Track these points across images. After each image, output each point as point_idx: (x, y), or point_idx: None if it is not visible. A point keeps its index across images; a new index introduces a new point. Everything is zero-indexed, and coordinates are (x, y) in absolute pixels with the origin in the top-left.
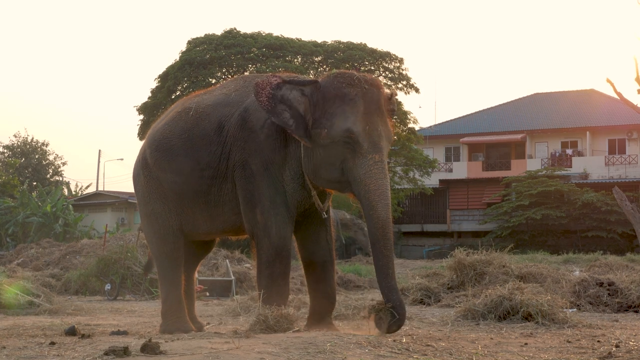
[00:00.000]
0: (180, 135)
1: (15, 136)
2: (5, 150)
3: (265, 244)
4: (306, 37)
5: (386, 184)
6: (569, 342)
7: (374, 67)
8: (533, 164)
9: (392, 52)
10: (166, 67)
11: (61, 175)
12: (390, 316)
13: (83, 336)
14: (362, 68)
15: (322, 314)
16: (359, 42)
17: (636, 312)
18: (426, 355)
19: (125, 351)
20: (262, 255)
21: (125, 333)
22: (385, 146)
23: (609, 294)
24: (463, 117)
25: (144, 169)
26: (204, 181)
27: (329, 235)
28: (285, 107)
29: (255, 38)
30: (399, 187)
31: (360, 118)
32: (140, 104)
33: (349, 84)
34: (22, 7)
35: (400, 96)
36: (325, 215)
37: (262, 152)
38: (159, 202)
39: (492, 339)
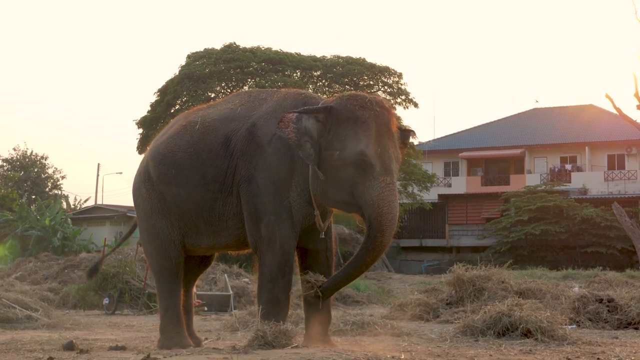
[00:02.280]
0: (186, 149)
1: (14, 149)
2: (5, 164)
3: (269, 259)
4: (305, 51)
5: (397, 207)
6: (569, 359)
7: (373, 81)
8: (532, 179)
9: (391, 66)
10: (165, 81)
11: (60, 188)
12: (314, 294)
13: (81, 351)
14: (360, 83)
15: (319, 329)
16: (358, 57)
17: (636, 329)
18: None
19: None
20: (264, 270)
21: (123, 348)
22: (395, 168)
23: (608, 310)
24: (462, 132)
25: (146, 182)
26: (209, 195)
27: (329, 251)
28: (308, 137)
29: (255, 52)
30: (398, 201)
31: (373, 141)
32: (139, 118)
33: (361, 106)
34: (22, 20)
35: (399, 111)
36: (323, 236)
37: (269, 167)
38: (160, 216)
39: (491, 355)
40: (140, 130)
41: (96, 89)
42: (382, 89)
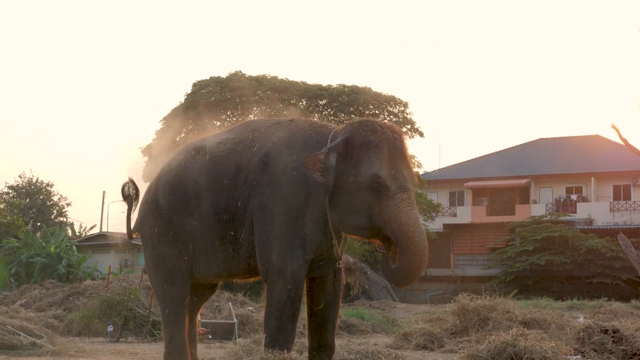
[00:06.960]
0: (196, 179)
1: (20, 177)
2: (10, 191)
3: (279, 287)
4: (311, 80)
5: (417, 215)
6: None
7: (379, 110)
8: (537, 209)
9: (397, 96)
10: (171, 109)
11: (65, 216)
12: None
13: None
14: (366, 112)
15: (323, 358)
16: (363, 86)
17: None
18: None
19: None
20: (273, 297)
21: None
22: (411, 188)
23: (613, 341)
24: (467, 161)
25: (153, 210)
26: (220, 225)
27: (338, 281)
28: (334, 172)
29: (260, 81)
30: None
31: (386, 163)
32: (144, 146)
33: (372, 131)
34: (28, 47)
35: None
36: (340, 265)
37: (284, 196)
38: (168, 244)
39: None
40: (146, 158)
41: (102, 116)
42: (388, 118)
